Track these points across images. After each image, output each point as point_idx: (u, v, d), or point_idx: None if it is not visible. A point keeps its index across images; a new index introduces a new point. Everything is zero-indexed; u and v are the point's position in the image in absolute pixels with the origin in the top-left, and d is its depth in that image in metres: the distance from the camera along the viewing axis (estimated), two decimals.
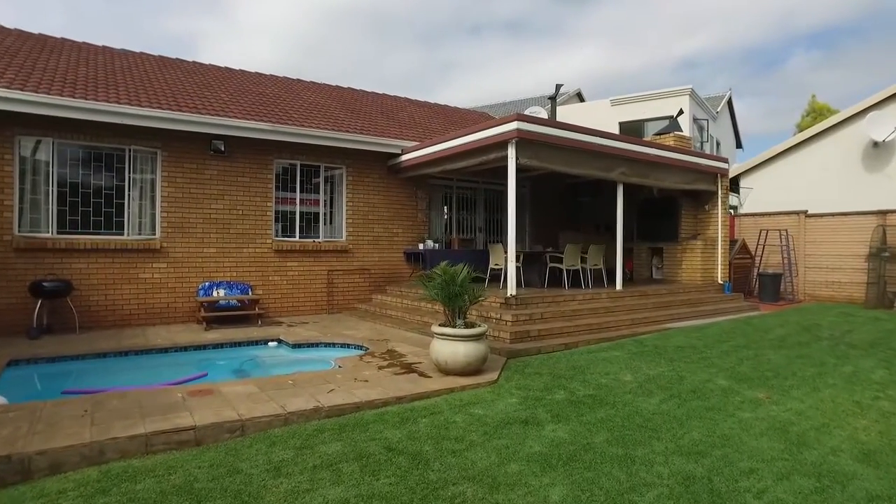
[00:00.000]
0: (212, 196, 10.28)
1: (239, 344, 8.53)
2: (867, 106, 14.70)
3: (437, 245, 12.54)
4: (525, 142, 9.01)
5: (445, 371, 6.15)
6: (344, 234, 11.89)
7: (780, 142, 16.35)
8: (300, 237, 11.36)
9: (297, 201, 11.32)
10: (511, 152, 8.91)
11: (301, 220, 11.40)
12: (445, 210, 13.62)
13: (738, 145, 35.98)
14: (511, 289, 8.94)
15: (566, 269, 10.75)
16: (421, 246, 12.22)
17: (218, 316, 9.77)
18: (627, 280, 13.82)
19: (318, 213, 11.64)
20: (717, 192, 12.82)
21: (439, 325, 6.29)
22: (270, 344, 8.71)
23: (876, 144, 14.61)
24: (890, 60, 55.22)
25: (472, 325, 6.35)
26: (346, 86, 16.64)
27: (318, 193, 11.64)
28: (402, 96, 17.85)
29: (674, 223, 13.14)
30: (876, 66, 59.23)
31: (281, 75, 15.37)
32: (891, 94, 14.28)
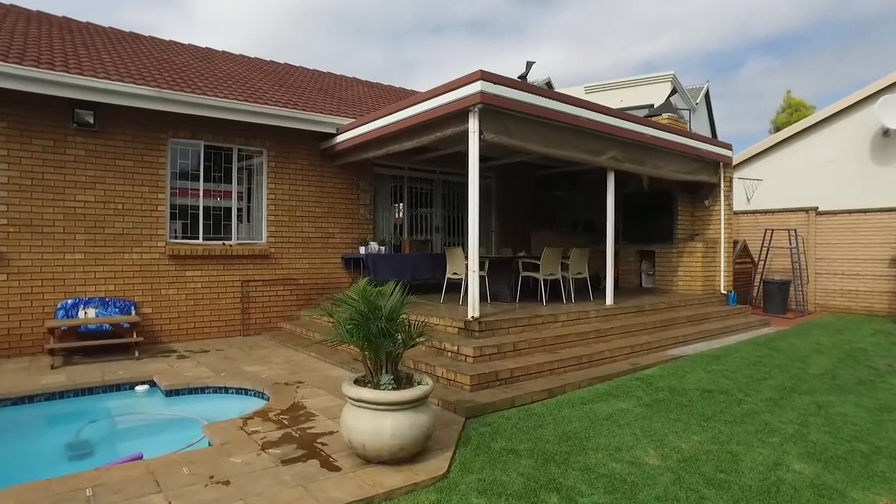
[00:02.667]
0: (78, 184, 7.70)
1: (90, 391, 6.02)
2: (879, 89, 12.90)
3: (383, 248, 10.18)
4: (492, 111, 6.74)
5: (364, 457, 3.80)
6: (264, 234, 9.43)
7: (744, 144, 14.48)
8: (205, 239, 8.85)
9: (202, 193, 8.80)
10: (473, 125, 6.62)
11: (207, 217, 8.89)
12: (395, 205, 11.24)
13: None
14: (473, 308, 6.64)
15: (543, 279, 8.51)
16: (362, 249, 9.83)
17: (82, 346, 7.23)
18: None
19: (231, 209, 9.14)
20: (718, 185, 10.78)
21: (354, 383, 3.94)
22: (139, 389, 6.21)
23: (887, 133, 12.81)
24: (839, 67, 55.70)
25: (408, 381, 4.02)
26: (284, 62, 14.11)
27: (231, 183, 9.14)
28: (350, 76, 15.40)
29: (668, 221, 11.06)
30: (825, 73, 60.33)
31: (204, 46, 12.77)
32: None
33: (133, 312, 7.85)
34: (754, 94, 63.57)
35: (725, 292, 10.70)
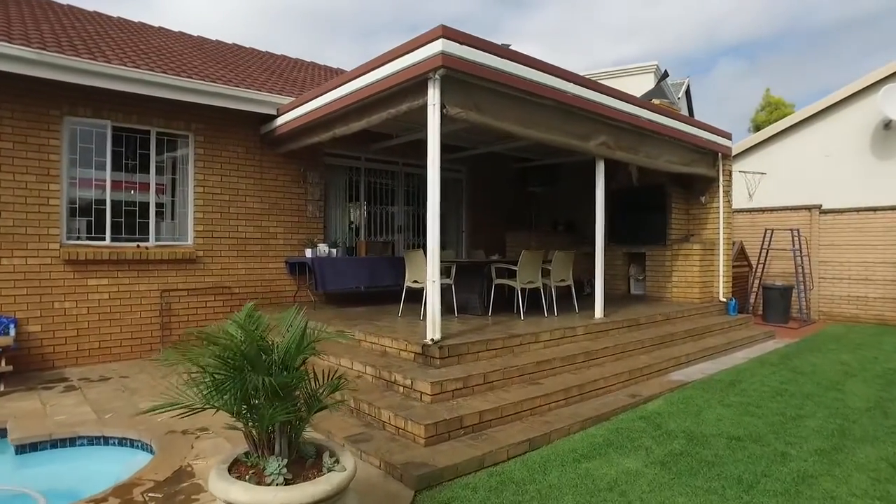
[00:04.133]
0: None
1: None
2: (879, 79, 11.88)
3: (335, 251, 8.72)
4: (457, 81, 5.36)
5: None
6: (190, 234, 7.90)
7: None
8: (115, 239, 7.31)
9: (108, 184, 7.25)
10: (433, 96, 5.23)
11: (118, 214, 7.35)
12: (352, 202, 9.79)
13: None
14: (433, 327, 5.25)
15: (521, 288, 7.15)
16: (309, 252, 8.36)
17: None
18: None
19: (149, 204, 7.61)
20: (717, 179, 9.57)
21: (230, 468, 2.51)
22: None
23: (889, 125, 11.79)
24: (803, 70, 56.17)
25: (317, 460, 2.60)
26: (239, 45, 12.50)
27: (148, 173, 7.60)
28: (309, 60, 13.87)
29: (660, 220, 9.82)
30: (790, 76, 61.01)
31: (137, 20, 11.14)
32: None
33: (12, 332, 6.27)
34: (725, 97, 63.86)
35: (725, 300, 9.49)
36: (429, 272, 5.33)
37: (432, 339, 5.17)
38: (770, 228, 10.72)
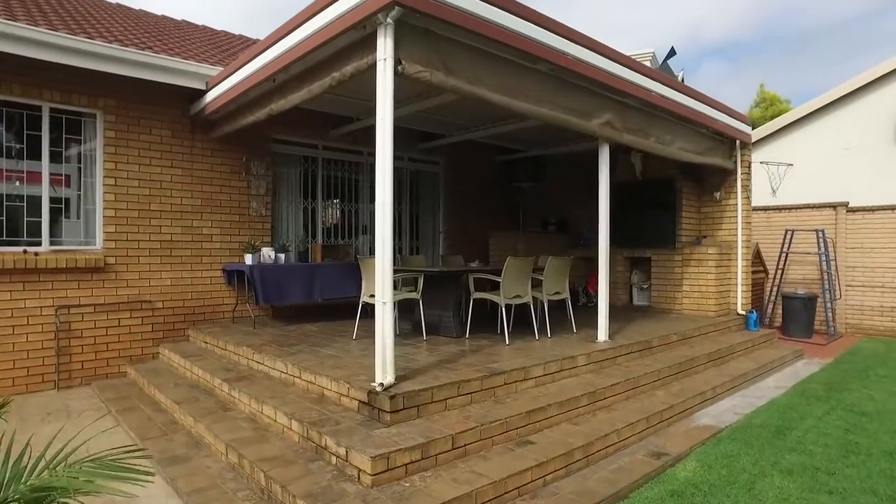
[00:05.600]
0: None
1: None
2: None
3: (283, 256, 7.25)
4: (418, 28, 3.94)
5: None
6: (99, 237, 6.39)
7: None
8: None
9: None
10: (384, 48, 3.79)
11: None
12: (306, 198, 8.31)
13: None
14: (383, 367, 3.81)
15: (505, 304, 5.73)
16: (249, 259, 6.87)
17: None
18: (592, 306, 9.09)
19: (42, 199, 6.09)
20: (734, 171, 8.22)
21: None
22: None
23: None
24: (783, 70, 55.72)
25: None
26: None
27: (40, 160, 6.08)
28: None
29: (668, 220, 8.45)
30: (776, 77, 60.61)
31: None
32: None
33: None
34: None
35: (744, 312, 8.14)
36: (378, 290, 3.89)
37: (381, 385, 3.73)
38: (790, 229, 9.39)
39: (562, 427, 4.15)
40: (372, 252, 8.85)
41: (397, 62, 3.84)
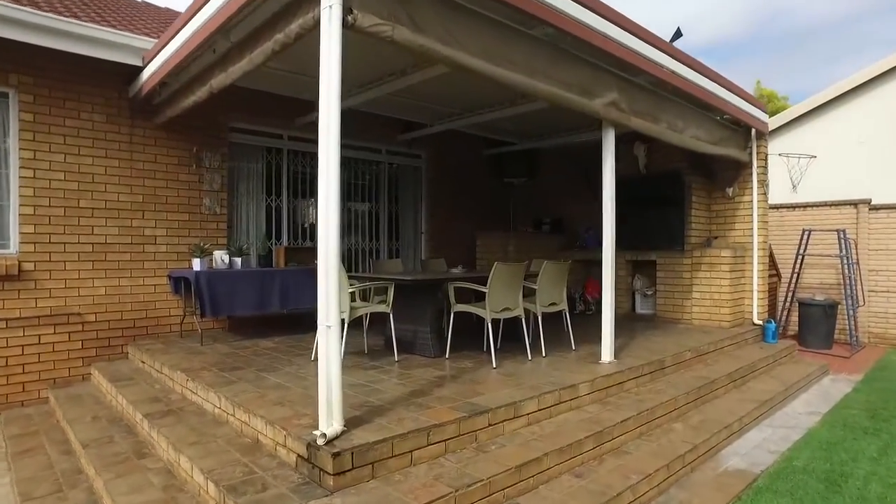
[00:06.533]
0: None
1: None
2: None
3: (240, 260, 6.30)
4: None
5: None
6: (14, 238, 5.42)
7: None
8: None
9: None
10: None
11: None
12: (270, 194, 7.36)
13: None
14: (329, 410, 2.89)
15: (491, 319, 4.81)
16: (197, 264, 5.91)
17: None
18: (591, 314, 8.22)
19: None
20: (749, 164, 7.36)
21: None
22: None
23: None
24: (773, 72, 55.35)
25: None
26: None
27: None
28: None
29: (676, 218, 7.58)
30: (762, 78, 60.39)
31: None
32: None
33: None
34: None
35: (760, 322, 7.28)
36: (321, 309, 2.97)
37: (323, 436, 2.80)
38: (807, 229, 8.54)
39: (562, 481, 3.25)
40: (350, 256, 7.92)
41: (347, 11, 2.93)
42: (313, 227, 7.84)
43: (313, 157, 7.67)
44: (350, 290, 4.61)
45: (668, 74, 5.21)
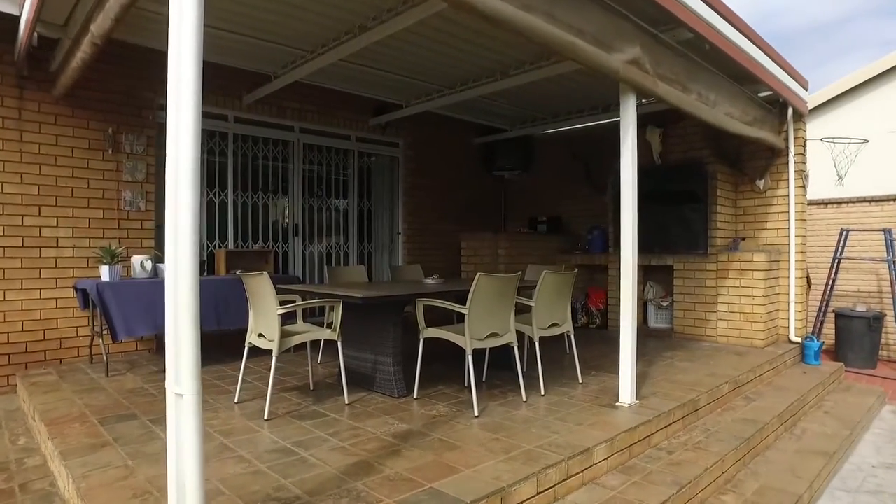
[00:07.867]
0: None
1: None
2: None
3: (162, 267, 5.07)
4: None
5: None
6: None
7: None
8: None
9: None
10: None
11: None
12: (212, 187, 6.10)
13: None
14: None
15: (472, 348, 3.58)
16: (105, 273, 4.67)
17: None
18: (594, 328, 7.08)
19: None
20: (786, 151, 6.18)
21: None
22: None
23: None
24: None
25: None
26: None
27: None
28: None
29: (697, 216, 6.39)
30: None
31: None
32: None
33: None
34: None
35: (799, 339, 6.11)
36: (170, 365, 1.76)
37: None
38: (846, 228, 7.38)
39: None
40: (310, 262, 6.69)
41: None
42: (275, 225, 6.63)
43: (266, 143, 6.44)
44: (280, 312, 3.38)
45: (708, 29, 4.01)
